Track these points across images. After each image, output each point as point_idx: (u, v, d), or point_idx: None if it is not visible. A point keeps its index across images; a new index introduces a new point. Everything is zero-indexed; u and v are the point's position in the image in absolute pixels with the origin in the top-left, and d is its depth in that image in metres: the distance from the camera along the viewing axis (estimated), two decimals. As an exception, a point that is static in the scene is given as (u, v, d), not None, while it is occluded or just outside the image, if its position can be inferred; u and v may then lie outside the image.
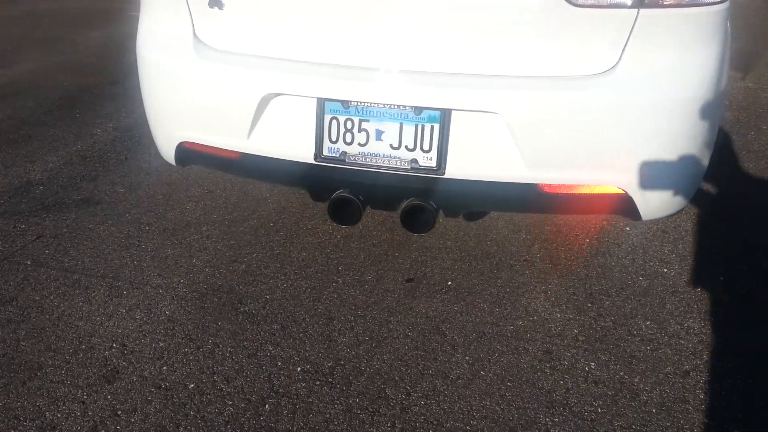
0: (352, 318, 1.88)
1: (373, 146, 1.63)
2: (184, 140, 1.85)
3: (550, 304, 1.93)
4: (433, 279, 2.06)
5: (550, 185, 1.61)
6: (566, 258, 2.17)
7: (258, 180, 2.38)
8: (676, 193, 1.65)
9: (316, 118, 1.64)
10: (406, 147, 1.62)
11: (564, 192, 1.63)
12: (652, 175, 1.60)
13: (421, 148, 1.61)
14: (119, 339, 1.79)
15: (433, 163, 1.61)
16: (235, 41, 1.68)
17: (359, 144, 1.64)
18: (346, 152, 1.65)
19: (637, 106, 1.52)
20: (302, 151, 1.68)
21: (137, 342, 1.78)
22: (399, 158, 1.62)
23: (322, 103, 1.62)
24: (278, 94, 1.64)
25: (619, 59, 1.50)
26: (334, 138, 1.65)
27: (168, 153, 1.92)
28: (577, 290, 2.00)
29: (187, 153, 1.88)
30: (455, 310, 1.91)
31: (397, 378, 1.66)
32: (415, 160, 1.62)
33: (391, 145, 1.62)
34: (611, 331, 1.82)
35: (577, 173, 1.59)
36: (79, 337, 1.80)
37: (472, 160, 1.61)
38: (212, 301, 1.96)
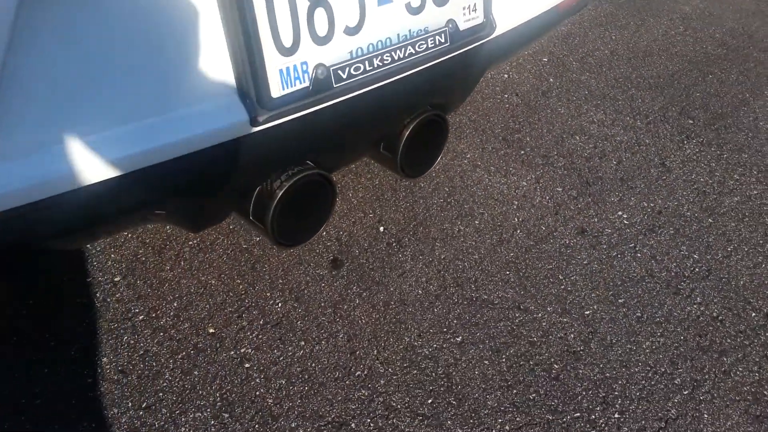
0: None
1: (377, 25, 0.64)
2: None
3: (517, 178, 1.39)
4: (357, 239, 1.20)
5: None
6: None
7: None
8: None
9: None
10: (433, 1, 0.69)
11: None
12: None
13: (458, -7, 0.71)
14: None
15: (479, 17, 0.75)
16: None
17: (347, 30, 0.62)
18: (323, 65, 0.61)
19: None
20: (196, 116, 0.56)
21: None
22: (425, 31, 0.69)
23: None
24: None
25: None
26: (287, 35, 0.57)
27: None
28: (515, 150, 1.49)
29: None
30: (443, 255, 1.18)
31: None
32: (452, 23, 0.72)
33: (408, 5, 0.66)
34: (601, 182, 1.44)
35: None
36: None
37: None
38: None
